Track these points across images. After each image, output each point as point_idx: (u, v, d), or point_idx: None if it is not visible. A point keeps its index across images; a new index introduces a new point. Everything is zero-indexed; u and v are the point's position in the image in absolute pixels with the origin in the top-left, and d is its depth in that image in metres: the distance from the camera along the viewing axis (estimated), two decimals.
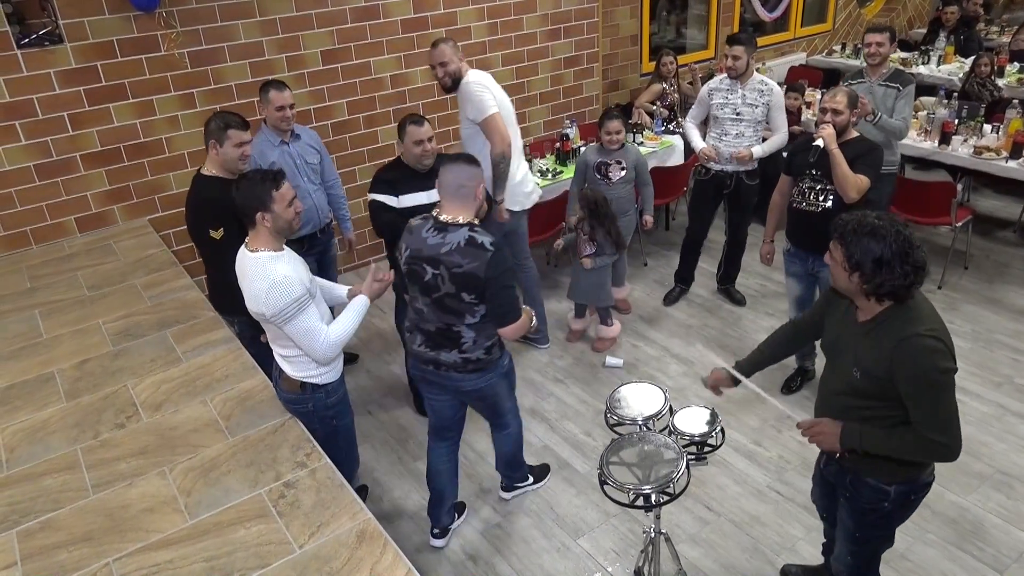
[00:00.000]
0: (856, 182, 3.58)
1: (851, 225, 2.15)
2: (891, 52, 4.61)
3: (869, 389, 2.23)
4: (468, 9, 5.71)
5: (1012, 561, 3.18)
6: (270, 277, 2.58)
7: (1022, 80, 7.03)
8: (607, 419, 2.79)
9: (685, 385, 4.37)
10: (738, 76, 4.61)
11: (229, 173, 3.32)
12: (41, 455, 2.73)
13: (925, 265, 2.13)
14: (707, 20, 7.73)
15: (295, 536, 2.32)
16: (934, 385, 2.11)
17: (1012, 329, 4.76)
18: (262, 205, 2.61)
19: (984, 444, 3.83)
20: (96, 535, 2.36)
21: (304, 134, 4.12)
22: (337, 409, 2.94)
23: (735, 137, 4.73)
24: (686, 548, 3.31)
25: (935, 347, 2.10)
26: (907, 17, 9.91)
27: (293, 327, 2.63)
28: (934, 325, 2.14)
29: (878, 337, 2.19)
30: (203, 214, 3.33)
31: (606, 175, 4.61)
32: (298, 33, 5.01)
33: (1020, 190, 6.17)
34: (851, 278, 2.17)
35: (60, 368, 3.24)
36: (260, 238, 2.66)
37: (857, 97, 3.67)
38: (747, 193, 4.92)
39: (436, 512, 3.41)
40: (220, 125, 3.32)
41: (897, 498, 2.38)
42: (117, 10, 4.33)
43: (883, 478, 2.36)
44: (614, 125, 4.49)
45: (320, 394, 2.85)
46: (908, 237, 2.11)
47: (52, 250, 4.39)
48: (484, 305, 2.82)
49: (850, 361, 2.28)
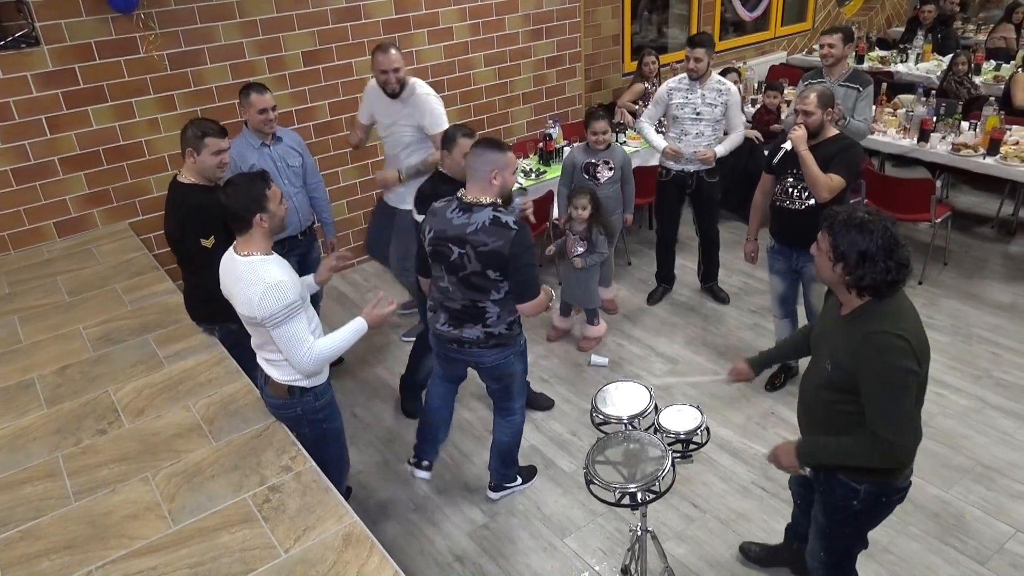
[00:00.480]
0: (827, 182, 3.59)
1: (841, 217, 2.21)
2: (845, 53, 4.67)
3: (840, 382, 2.27)
4: (450, 9, 5.70)
5: (993, 553, 3.22)
6: (264, 280, 2.56)
7: (998, 78, 7.12)
8: (592, 418, 2.80)
9: (670, 383, 4.39)
10: (699, 77, 4.66)
11: (207, 181, 3.26)
12: (22, 463, 2.70)
13: (909, 263, 2.17)
14: (688, 20, 7.77)
15: (280, 540, 2.31)
16: (890, 382, 2.14)
17: (991, 323, 4.82)
18: (259, 206, 2.60)
19: (964, 437, 3.87)
20: (78, 543, 2.34)
21: (286, 136, 4.08)
22: (326, 412, 2.93)
23: (695, 137, 4.79)
24: (672, 546, 3.33)
25: (898, 345, 2.12)
26: (885, 16, 10.01)
27: (280, 332, 2.61)
28: (907, 327, 2.17)
29: (851, 331, 2.23)
30: (192, 223, 3.22)
31: (594, 175, 4.62)
32: (279, 34, 4.98)
33: (998, 186, 6.25)
34: (835, 268, 2.21)
35: (40, 374, 3.20)
36: (252, 242, 2.65)
37: (832, 96, 3.70)
38: (709, 191, 4.98)
39: (427, 447, 3.53)
40: (197, 133, 3.21)
41: (867, 498, 2.40)
42: (95, 12, 4.28)
43: (854, 476, 2.38)
44: (601, 125, 4.50)
45: (308, 397, 2.83)
46: (894, 234, 2.15)
47: (31, 255, 4.34)
48: (508, 282, 2.93)
49: (826, 353, 2.34)
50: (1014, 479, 3.60)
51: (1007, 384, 4.26)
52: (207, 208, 3.12)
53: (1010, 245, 5.86)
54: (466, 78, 5.99)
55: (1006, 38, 8.00)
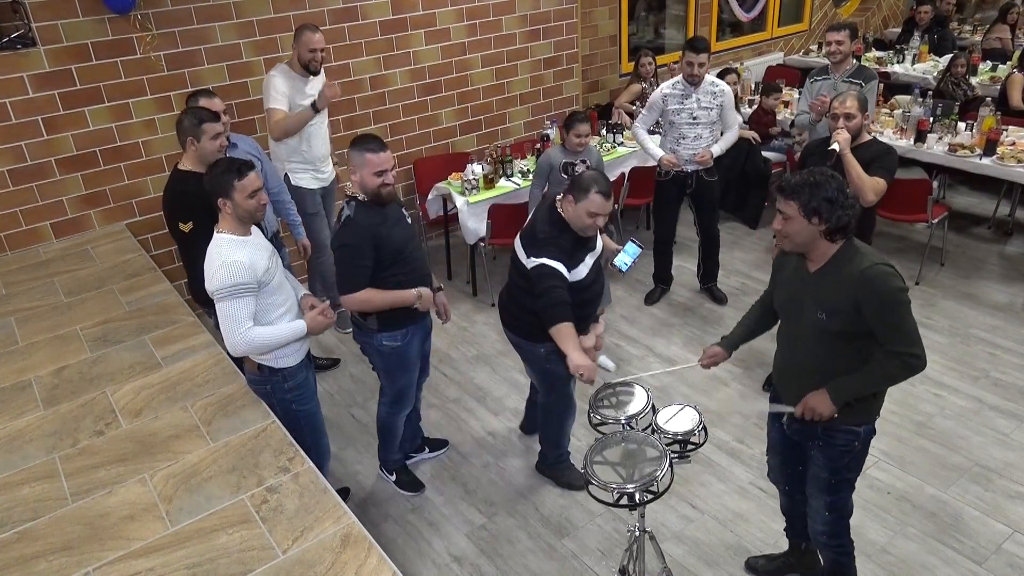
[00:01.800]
0: (873, 184, 3.65)
1: (792, 181, 2.39)
2: (852, 49, 4.68)
3: (837, 327, 2.41)
4: (447, 10, 5.70)
5: (991, 553, 3.23)
6: (223, 256, 2.75)
7: (994, 78, 7.13)
8: (590, 419, 2.80)
9: (668, 384, 4.39)
10: (698, 83, 4.68)
11: (204, 168, 3.29)
12: (18, 464, 2.69)
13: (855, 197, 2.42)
14: (685, 20, 7.78)
15: (278, 541, 2.30)
16: (898, 304, 2.34)
17: (988, 324, 4.83)
18: (223, 192, 2.77)
19: (962, 438, 3.88)
20: (76, 544, 2.33)
21: (241, 143, 4.01)
22: (296, 395, 3.04)
23: (693, 140, 4.81)
24: (671, 546, 3.33)
25: (891, 272, 2.36)
26: (882, 16, 10.03)
27: (222, 307, 2.75)
28: (881, 257, 2.40)
29: (836, 276, 2.41)
30: (174, 207, 3.43)
31: (573, 175, 4.58)
32: (276, 35, 4.98)
33: (994, 186, 6.27)
34: (811, 223, 2.37)
35: (37, 375, 3.19)
36: (225, 222, 2.84)
37: (866, 100, 3.75)
38: (709, 190, 4.99)
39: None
40: (194, 122, 3.35)
41: (866, 436, 2.61)
42: (91, 13, 4.28)
43: (853, 421, 2.56)
44: (585, 128, 4.46)
45: (277, 378, 2.97)
46: (838, 177, 2.38)
47: (27, 256, 4.33)
48: None
49: (812, 308, 2.46)
50: (1011, 479, 3.60)
51: (1004, 384, 4.26)
52: (190, 194, 3.27)
53: (1007, 245, 5.87)
54: (463, 79, 5.99)
55: (1002, 39, 8.02)
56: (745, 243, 6.09)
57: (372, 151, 3.02)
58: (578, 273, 3.11)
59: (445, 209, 5.47)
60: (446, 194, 5.36)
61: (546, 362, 3.35)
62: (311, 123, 4.52)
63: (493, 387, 4.50)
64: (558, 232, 3.07)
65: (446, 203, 5.42)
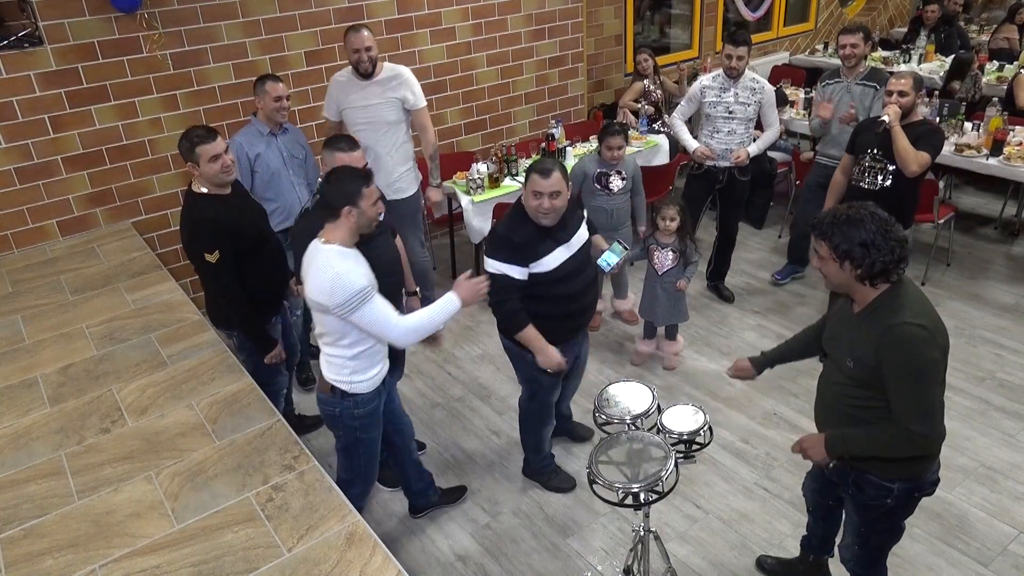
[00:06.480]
0: (917, 156, 3.81)
1: (827, 220, 2.23)
2: (866, 51, 4.67)
3: (862, 378, 2.26)
4: (452, 9, 5.70)
5: (996, 555, 3.22)
6: (334, 268, 2.56)
7: (1001, 79, 7.10)
8: (595, 418, 2.80)
9: (673, 383, 4.39)
10: (737, 76, 4.66)
11: (218, 188, 3.19)
12: (25, 461, 2.70)
13: (906, 238, 2.21)
14: (691, 20, 7.77)
15: (283, 539, 2.31)
16: (916, 373, 2.14)
17: (995, 324, 4.81)
18: (351, 200, 2.62)
19: (968, 439, 3.87)
20: (82, 541, 2.34)
21: (291, 130, 4.18)
22: (363, 422, 2.91)
23: (727, 134, 4.77)
24: (675, 546, 3.32)
25: (921, 335, 2.12)
26: (888, 16, 10.00)
27: (360, 318, 2.60)
28: (923, 313, 2.17)
29: (869, 325, 2.22)
30: (198, 235, 3.17)
31: (606, 185, 4.52)
32: (282, 34, 4.99)
33: (1001, 187, 6.25)
34: (843, 267, 2.21)
35: (43, 373, 3.20)
36: (336, 232, 2.65)
37: (922, 80, 3.85)
38: (739, 189, 4.96)
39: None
40: (187, 146, 3.11)
41: (900, 495, 2.39)
42: (98, 11, 4.29)
43: (885, 475, 2.37)
44: (617, 141, 4.38)
45: (348, 403, 2.84)
46: (882, 216, 2.18)
47: (34, 254, 4.35)
48: None
49: (845, 352, 2.32)
50: (1017, 480, 3.59)
51: (1010, 385, 4.25)
52: (213, 222, 3.11)
53: (1013, 246, 5.85)
54: (468, 78, 5.99)
55: (1009, 39, 7.98)
56: (750, 243, 6.07)
57: (343, 151, 3.04)
58: (543, 264, 3.07)
59: (450, 208, 5.47)
60: (451, 193, 5.36)
61: (534, 369, 3.31)
62: (377, 141, 4.47)
63: (498, 386, 4.50)
64: (518, 225, 3.07)
65: (451, 202, 5.42)
